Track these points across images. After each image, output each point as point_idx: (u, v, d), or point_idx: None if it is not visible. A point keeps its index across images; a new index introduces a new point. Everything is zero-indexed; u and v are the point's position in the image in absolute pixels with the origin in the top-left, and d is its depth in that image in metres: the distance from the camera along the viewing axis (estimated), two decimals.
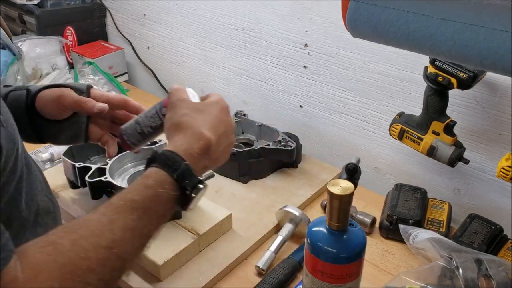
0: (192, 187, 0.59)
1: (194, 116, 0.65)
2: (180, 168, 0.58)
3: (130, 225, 0.54)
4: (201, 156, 0.62)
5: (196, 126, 0.63)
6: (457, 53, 0.50)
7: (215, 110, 0.67)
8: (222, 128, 0.66)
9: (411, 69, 1.04)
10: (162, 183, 0.57)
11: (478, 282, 0.75)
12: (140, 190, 0.57)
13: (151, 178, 0.57)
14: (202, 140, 0.62)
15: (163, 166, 0.58)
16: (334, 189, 0.64)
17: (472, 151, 1.02)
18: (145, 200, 0.56)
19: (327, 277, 0.68)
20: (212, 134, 0.63)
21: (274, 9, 1.24)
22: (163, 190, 0.57)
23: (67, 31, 1.66)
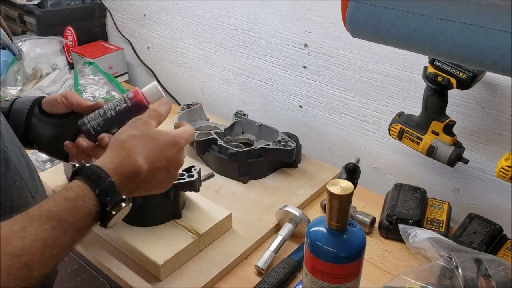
0: (114, 204, 0.58)
1: (139, 141, 0.64)
2: (103, 184, 0.57)
3: (42, 234, 0.52)
4: (128, 180, 0.61)
5: (134, 150, 0.62)
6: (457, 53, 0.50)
7: (165, 142, 0.66)
8: (162, 162, 0.65)
9: (410, 69, 1.04)
10: (82, 196, 0.56)
11: (478, 282, 0.75)
12: (58, 201, 0.55)
13: (72, 190, 0.56)
14: (133, 166, 0.61)
15: (87, 180, 0.57)
16: (333, 189, 0.64)
17: (472, 151, 1.02)
18: (62, 212, 0.54)
19: (326, 276, 0.68)
20: (147, 164, 0.63)
21: (274, 9, 1.24)
22: (82, 204, 0.56)
23: (67, 31, 1.66)
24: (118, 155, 0.62)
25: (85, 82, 1.45)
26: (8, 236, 0.50)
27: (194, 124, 1.28)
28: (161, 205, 0.91)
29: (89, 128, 0.74)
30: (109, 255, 0.91)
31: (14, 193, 0.65)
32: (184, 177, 0.90)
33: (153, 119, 0.68)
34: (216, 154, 1.14)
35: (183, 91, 1.63)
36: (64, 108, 0.78)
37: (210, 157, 1.17)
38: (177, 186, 0.89)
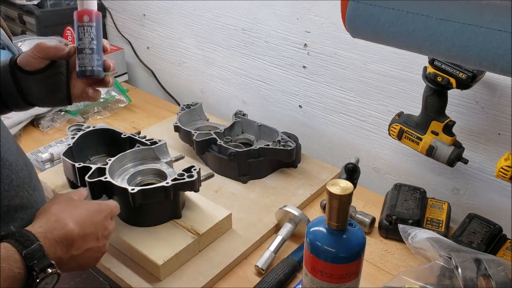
0: (41, 269, 0.56)
1: (66, 208, 0.65)
2: (31, 247, 0.56)
3: None
4: (58, 244, 0.60)
5: (62, 215, 0.63)
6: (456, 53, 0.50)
7: (92, 208, 0.68)
8: (91, 228, 0.66)
9: (410, 69, 1.04)
10: (7, 258, 0.55)
11: (477, 282, 0.75)
12: None
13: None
14: (64, 229, 0.61)
15: (14, 242, 0.56)
16: (333, 189, 0.64)
17: (471, 151, 1.02)
18: None
19: (326, 276, 0.68)
20: (78, 228, 0.63)
21: (274, 10, 1.24)
22: (6, 266, 0.54)
23: (67, 31, 1.66)
24: (47, 220, 0.62)
25: None
26: None
27: (194, 124, 1.28)
28: (161, 205, 0.91)
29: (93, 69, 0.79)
30: (109, 255, 0.91)
31: (11, 192, 0.65)
32: (184, 177, 0.90)
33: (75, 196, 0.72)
34: (216, 154, 1.14)
35: (183, 91, 1.63)
36: (43, 62, 0.79)
37: (209, 157, 1.17)
38: (177, 186, 0.89)
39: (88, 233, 0.66)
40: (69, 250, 0.62)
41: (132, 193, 0.86)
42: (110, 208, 0.73)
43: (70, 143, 1.02)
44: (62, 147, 1.16)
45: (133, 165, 1.00)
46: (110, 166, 0.94)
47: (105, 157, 1.05)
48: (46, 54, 0.78)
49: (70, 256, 0.63)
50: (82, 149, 1.05)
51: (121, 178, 0.96)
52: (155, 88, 1.70)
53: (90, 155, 1.08)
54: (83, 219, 0.66)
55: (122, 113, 1.47)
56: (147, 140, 1.03)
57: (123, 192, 0.87)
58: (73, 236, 0.62)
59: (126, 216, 0.93)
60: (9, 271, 0.54)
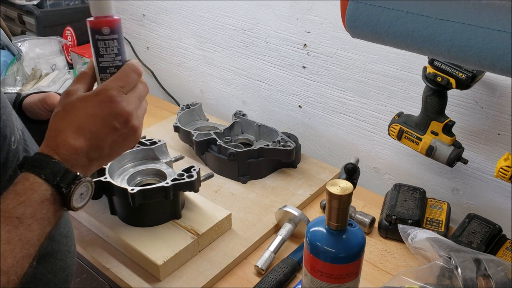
0: (68, 183, 0.55)
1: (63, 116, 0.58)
2: (47, 167, 0.54)
3: (5, 237, 0.50)
4: (73, 157, 0.57)
5: (60, 127, 0.57)
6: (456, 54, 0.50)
7: (91, 105, 0.58)
8: (97, 126, 0.58)
9: (410, 69, 1.05)
10: (31, 185, 0.53)
11: (477, 282, 0.75)
12: (10, 198, 0.52)
13: (19, 183, 0.54)
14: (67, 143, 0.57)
15: (30, 168, 0.55)
16: (333, 189, 0.64)
17: (471, 151, 1.02)
18: (16, 207, 0.52)
19: (326, 276, 0.68)
20: (81, 135, 0.57)
21: (273, 10, 1.24)
22: (33, 193, 0.53)
23: (66, 31, 1.66)
24: (49, 137, 0.57)
25: None
26: None
27: (193, 124, 1.28)
28: (161, 205, 0.91)
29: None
30: (109, 255, 0.91)
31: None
32: (183, 177, 0.90)
33: (78, 84, 0.62)
34: (216, 154, 1.14)
35: (183, 91, 1.63)
36: (48, 114, 0.75)
37: (209, 157, 1.17)
38: (176, 186, 0.89)
39: (98, 132, 0.58)
40: (87, 155, 0.58)
41: (131, 193, 0.86)
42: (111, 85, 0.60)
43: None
44: None
45: (133, 165, 1.00)
46: (110, 166, 0.94)
47: None
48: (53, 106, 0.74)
49: (92, 158, 0.58)
50: None
51: (121, 178, 0.96)
52: (155, 88, 1.70)
53: None
54: (83, 122, 0.57)
55: None
56: (147, 140, 1.03)
57: (123, 192, 0.87)
58: (79, 146, 0.57)
59: (125, 216, 0.93)
60: (39, 196, 0.53)
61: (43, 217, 0.53)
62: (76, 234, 0.96)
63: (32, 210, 0.52)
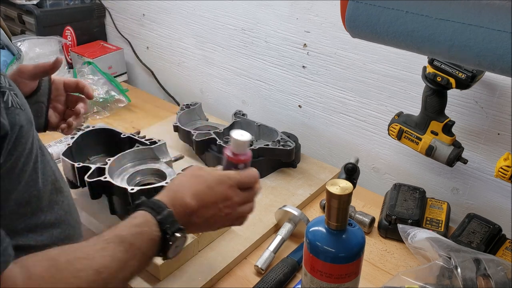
0: (172, 232, 0.63)
1: (186, 181, 0.70)
2: (163, 213, 0.63)
3: (118, 255, 0.58)
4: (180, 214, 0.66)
5: (181, 189, 0.68)
6: (456, 53, 0.50)
7: (212, 179, 0.70)
8: (210, 198, 0.68)
9: (410, 69, 1.05)
10: (147, 222, 0.62)
11: (477, 282, 0.75)
12: (127, 227, 0.62)
13: (137, 218, 0.63)
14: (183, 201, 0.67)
15: (149, 209, 0.64)
16: (333, 188, 0.64)
17: (471, 151, 1.02)
18: (130, 236, 0.60)
19: (326, 276, 0.68)
20: (195, 201, 0.67)
21: (273, 9, 1.24)
22: (147, 229, 0.62)
23: (66, 31, 1.66)
24: (170, 193, 0.68)
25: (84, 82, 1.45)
26: (92, 255, 0.56)
27: (193, 124, 1.28)
28: None
29: None
30: None
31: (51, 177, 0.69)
32: None
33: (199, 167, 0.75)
34: (216, 154, 1.14)
35: (183, 91, 1.63)
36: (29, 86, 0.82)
37: (209, 157, 1.17)
38: None
39: (208, 204, 0.68)
40: (191, 219, 0.67)
41: (131, 193, 0.86)
42: (234, 178, 0.71)
43: (69, 143, 1.02)
44: (61, 147, 1.16)
45: (133, 165, 1.00)
46: (110, 166, 0.94)
47: (104, 157, 1.06)
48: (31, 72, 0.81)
49: (193, 223, 0.68)
50: (81, 149, 1.05)
51: (121, 178, 0.96)
52: (155, 88, 1.70)
53: (90, 155, 1.08)
54: (201, 190, 0.68)
55: (122, 113, 1.47)
56: (147, 140, 1.03)
57: (123, 192, 0.87)
58: (191, 208, 0.67)
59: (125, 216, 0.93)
60: (150, 234, 0.62)
61: (145, 253, 0.62)
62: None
63: (140, 243, 0.61)
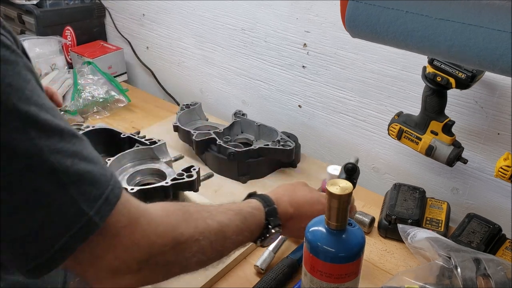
0: (274, 225, 0.72)
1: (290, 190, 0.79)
2: (271, 206, 0.73)
3: (235, 222, 0.66)
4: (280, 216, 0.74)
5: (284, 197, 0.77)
6: (456, 53, 0.50)
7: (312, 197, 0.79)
8: (307, 212, 0.76)
9: (410, 69, 1.05)
10: (258, 208, 0.71)
11: (477, 282, 0.75)
12: (243, 206, 0.70)
13: (252, 203, 0.72)
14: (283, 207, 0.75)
15: (261, 199, 0.73)
16: (333, 188, 0.64)
17: (471, 151, 1.02)
18: (246, 213, 0.69)
19: (326, 276, 0.68)
20: (293, 209, 0.76)
21: (273, 9, 1.24)
22: (258, 213, 0.70)
23: (66, 31, 1.66)
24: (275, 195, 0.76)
25: (84, 82, 1.45)
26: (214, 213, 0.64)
27: (193, 124, 1.28)
28: None
29: None
30: None
31: None
32: (183, 177, 0.90)
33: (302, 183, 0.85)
34: (215, 154, 1.14)
35: (182, 91, 1.63)
36: None
37: (209, 157, 1.17)
38: (176, 186, 0.89)
39: (303, 215, 0.75)
40: (286, 223, 0.75)
41: (131, 193, 0.85)
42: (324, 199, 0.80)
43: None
44: None
45: (133, 165, 1.00)
46: (110, 165, 0.94)
47: (104, 157, 1.05)
48: None
49: (287, 226, 0.75)
50: None
51: (121, 178, 0.96)
52: (155, 88, 1.70)
53: None
54: (300, 202, 0.77)
55: (122, 113, 1.47)
56: (147, 140, 1.03)
57: None
58: (289, 215, 0.75)
59: None
60: (260, 218, 0.70)
61: (251, 232, 0.69)
62: None
63: (251, 221, 0.69)
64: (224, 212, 0.66)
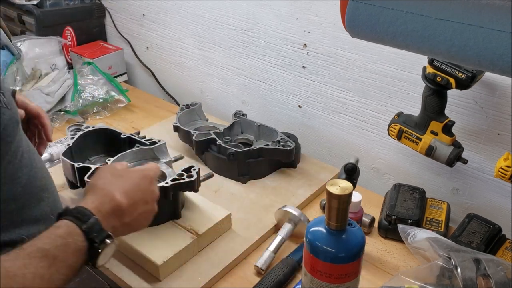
0: (100, 240, 0.61)
1: (111, 180, 0.70)
2: (88, 221, 0.61)
3: (40, 272, 0.55)
4: (111, 216, 0.66)
5: (109, 188, 0.68)
6: (456, 54, 0.50)
7: (136, 177, 0.72)
8: (138, 195, 0.70)
9: (409, 69, 1.05)
10: (71, 233, 0.60)
11: (477, 282, 0.75)
12: (50, 239, 0.58)
13: (61, 228, 0.60)
14: (113, 202, 0.66)
15: (73, 219, 0.61)
16: (333, 189, 0.64)
17: (471, 151, 1.02)
18: (54, 249, 0.57)
19: (326, 276, 0.68)
20: (125, 198, 0.68)
21: (273, 9, 1.24)
22: (71, 241, 0.59)
23: (66, 31, 1.66)
24: (97, 195, 0.67)
25: (84, 82, 1.45)
26: (12, 272, 0.53)
27: (193, 124, 1.28)
28: (160, 205, 0.91)
29: None
30: None
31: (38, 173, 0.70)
32: (183, 177, 0.90)
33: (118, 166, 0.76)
34: (215, 154, 1.14)
35: (182, 91, 1.63)
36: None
37: (209, 157, 1.17)
38: (176, 186, 0.89)
39: (137, 200, 0.70)
40: (122, 219, 0.67)
41: None
42: (153, 172, 0.77)
43: (69, 143, 1.02)
44: (61, 147, 1.16)
45: (133, 165, 1.00)
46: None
47: (104, 157, 1.06)
48: None
49: (123, 223, 0.68)
50: (81, 149, 1.05)
51: None
52: (155, 88, 1.70)
53: (90, 155, 1.08)
54: (130, 188, 0.70)
55: (122, 113, 1.47)
56: (147, 140, 1.03)
57: None
58: (122, 207, 0.67)
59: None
60: (75, 245, 0.59)
61: (72, 264, 0.59)
62: None
63: (65, 256, 0.58)
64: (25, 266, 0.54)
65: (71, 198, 1.00)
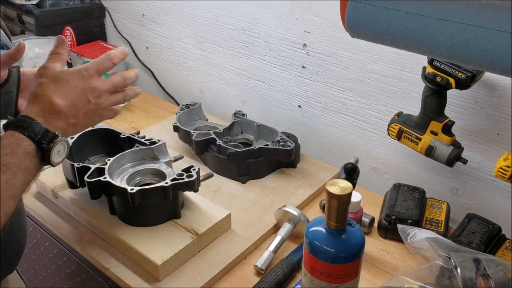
0: (48, 141, 0.65)
1: (49, 85, 0.70)
2: (30, 126, 0.65)
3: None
4: (54, 119, 0.68)
5: (47, 93, 0.69)
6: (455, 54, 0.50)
7: (72, 76, 0.72)
8: (77, 96, 0.71)
9: (409, 69, 1.05)
10: (16, 141, 0.64)
11: (476, 282, 0.75)
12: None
13: (5, 139, 0.64)
14: (52, 105, 0.68)
15: (15, 127, 0.65)
16: (332, 188, 0.64)
17: (470, 151, 1.02)
18: (5, 157, 0.62)
19: (325, 276, 0.68)
20: (63, 101, 0.69)
21: (273, 9, 1.24)
22: (17, 147, 0.64)
23: (66, 31, 1.66)
24: (35, 102, 0.68)
25: None
26: None
27: (193, 124, 1.28)
28: (160, 205, 0.91)
29: None
30: (108, 255, 0.91)
31: None
32: (183, 177, 0.90)
33: (55, 62, 0.73)
34: (215, 154, 1.14)
35: (182, 91, 1.63)
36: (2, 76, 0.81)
37: (209, 157, 1.17)
38: (176, 186, 0.89)
39: (77, 101, 0.71)
40: (67, 120, 0.70)
41: (131, 193, 0.85)
42: (92, 67, 0.74)
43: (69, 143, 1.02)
44: None
45: (132, 165, 1.00)
46: (109, 166, 0.94)
47: (104, 157, 1.05)
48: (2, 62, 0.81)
49: (70, 124, 0.70)
50: (81, 149, 1.04)
51: (120, 178, 0.96)
52: (155, 88, 1.70)
53: (89, 155, 1.08)
54: (66, 90, 0.70)
55: (121, 113, 1.46)
56: (146, 140, 1.03)
57: (122, 192, 0.87)
58: (62, 109, 0.69)
59: (125, 216, 0.93)
60: (24, 149, 0.64)
61: (26, 167, 0.64)
62: (75, 234, 0.97)
63: (17, 160, 0.63)
64: None
65: (71, 198, 1.00)
